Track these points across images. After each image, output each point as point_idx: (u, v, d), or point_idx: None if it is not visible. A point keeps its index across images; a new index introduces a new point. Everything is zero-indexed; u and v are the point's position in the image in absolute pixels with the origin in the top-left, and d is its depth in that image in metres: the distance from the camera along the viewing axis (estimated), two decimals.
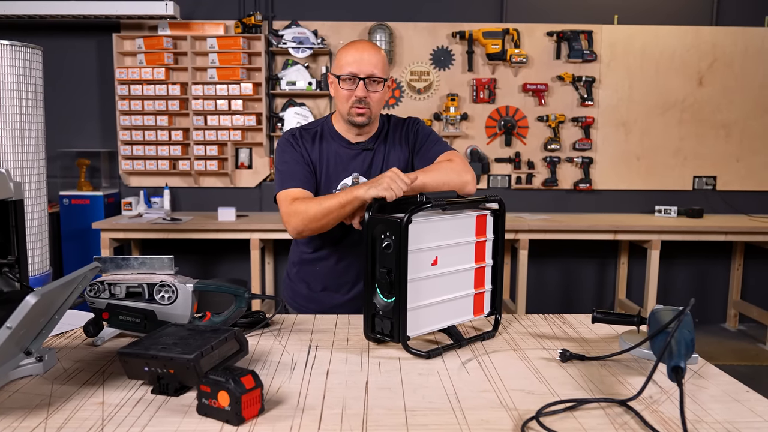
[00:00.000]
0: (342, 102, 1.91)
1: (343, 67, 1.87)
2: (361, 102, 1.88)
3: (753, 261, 5.19)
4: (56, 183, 4.92)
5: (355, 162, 1.98)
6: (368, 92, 1.88)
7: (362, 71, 1.85)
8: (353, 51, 1.88)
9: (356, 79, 1.86)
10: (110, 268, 1.59)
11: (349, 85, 1.87)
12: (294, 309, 2.17)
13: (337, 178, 1.97)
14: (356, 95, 1.87)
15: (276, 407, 1.18)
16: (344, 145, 1.99)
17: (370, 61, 1.86)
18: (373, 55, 1.87)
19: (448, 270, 1.54)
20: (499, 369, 1.40)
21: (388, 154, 2.00)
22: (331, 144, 1.99)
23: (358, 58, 1.86)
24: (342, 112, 1.94)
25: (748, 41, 5.00)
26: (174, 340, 1.29)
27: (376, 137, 2.01)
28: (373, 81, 1.87)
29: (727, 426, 1.12)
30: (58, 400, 1.21)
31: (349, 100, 1.89)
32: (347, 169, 1.97)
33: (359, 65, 1.85)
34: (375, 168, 1.98)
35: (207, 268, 5.16)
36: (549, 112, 5.02)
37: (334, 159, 1.97)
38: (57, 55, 4.90)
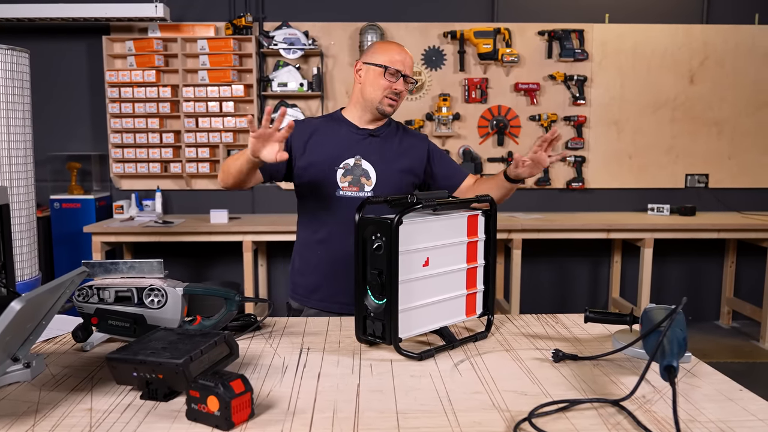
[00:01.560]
0: (377, 90, 2.06)
1: (390, 61, 2.05)
2: (397, 95, 2.07)
3: (746, 258, 5.21)
4: (47, 187, 4.90)
5: (359, 145, 2.10)
6: (404, 87, 2.07)
7: (405, 69, 2.06)
8: (399, 50, 2.08)
9: (399, 74, 2.04)
10: (99, 272, 1.57)
11: (393, 78, 2.04)
12: (297, 301, 2.18)
13: (341, 158, 2.07)
14: (396, 88, 2.05)
15: (266, 411, 1.17)
16: (352, 129, 2.13)
17: (409, 62, 2.09)
18: (410, 58, 2.10)
19: (439, 271, 1.53)
20: (491, 370, 1.39)
21: (391, 145, 2.14)
22: (339, 127, 2.13)
23: (404, 57, 2.06)
24: (372, 98, 2.08)
25: (738, 39, 5.01)
26: (163, 345, 1.27)
27: (385, 128, 2.16)
28: (407, 81, 2.07)
29: (720, 425, 1.12)
30: (46, 407, 1.20)
31: (386, 90, 2.05)
32: (351, 151, 2.08)
33: (403, 64, 2.06)
34: (377, 153, 2.10)
35: (200, 271, 5.14)
36: (541, 111, 5.02)
37: (339, 140, 2.10)
38: (47, 59, 4.87)
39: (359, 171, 2.06)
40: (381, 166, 2.08)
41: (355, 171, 2.06)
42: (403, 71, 2.04)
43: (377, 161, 2.08)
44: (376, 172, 2.07)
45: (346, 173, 2.06)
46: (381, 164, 2.08)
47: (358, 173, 2.06)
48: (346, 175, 2.05)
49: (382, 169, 2.08)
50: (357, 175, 2.06)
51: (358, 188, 2.05)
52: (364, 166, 2.07)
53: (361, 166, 2.06)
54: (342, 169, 2.05)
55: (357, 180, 2.05)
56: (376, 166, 2.07)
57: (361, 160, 2.06)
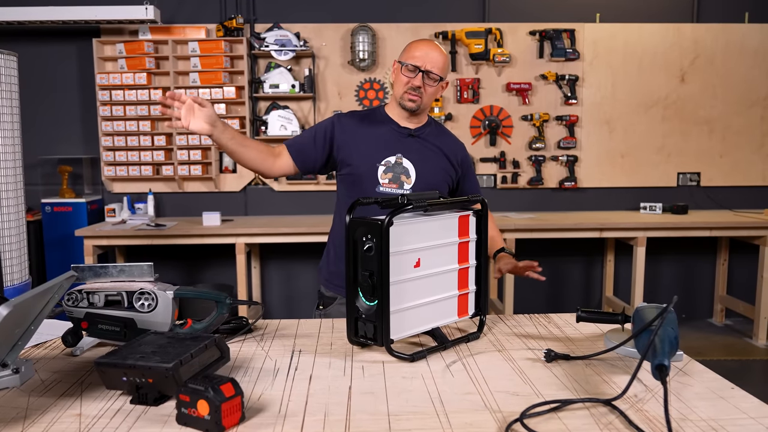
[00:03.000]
0: (399, 86, 2.10)
1: (409, 57, 2.07)
2: (416, 90, 2.06)
3: (738, 256, 5.23)
4: (38, 190, 4.87)
5: (401, 144, 2.13)
6: (424, 84, 2.06)
7: (425, 65, 2.04)
8: (423, 46, 2.08)
9: (417, 70, 2.04)
10: (88, 276, 1.56)
11: (409, 74, 2.06)
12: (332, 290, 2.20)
13: (382, 154, 2.11)
14: (413, 83, 2.06)
15: (257, 415, 1.16)
16: (393, 127, 2.16)
17: (433, 59, 2.05)
18: (438, 54, 2.07)
19: (431, 272, 1.53)
20: (483, 371, 1.39)
21: (431, 146, 2.16)
22: (380, 125, 2.17)
23: (425, 53, 2.05)
24: (396, 95, 2.12)
25: (729, 37, 5.03)
26: (153, 349, 1.26)
27: (424, 129, 2.18)
28: (430, 77, 2.05)
29: (712, 423, 1.12)
30: (35, 413, 1.19)
31: (406, 85, 2.07)
32: (392, 149, 2.12)
33: (423, 59, 2.05)
34: (417, 152, 2.13)
35: (192, 274, 5.12)
36: (533, 111, 5.02)
37: (380, 137, 2.14)
38: (37, 62, 4.85)
39: (400, 169, 2.10)
40: (420, 166, 2.12)
41: (396, 169, 2.10)
42: (422, 66, 2.04)
43: (417, 161, 2.12)
44: (416, 172, 2.10)
45: (387, 170, 2.10)
46: (421, 164, 2.12)
47: (399, 171, 2.10)
48: (387, 172, 2.10)
49: (422, 169, 2.12)
50: (398, 173, 2.10)
51: (397, 185, 2.09)
52: (405, 164, 2.10)
53: (401, 165, 2.10)
54: (383, 166, 2.09)
55: (398, 177, 2.09)
56: (417, 166, 2.11)
57: (402, 159, 2.11)
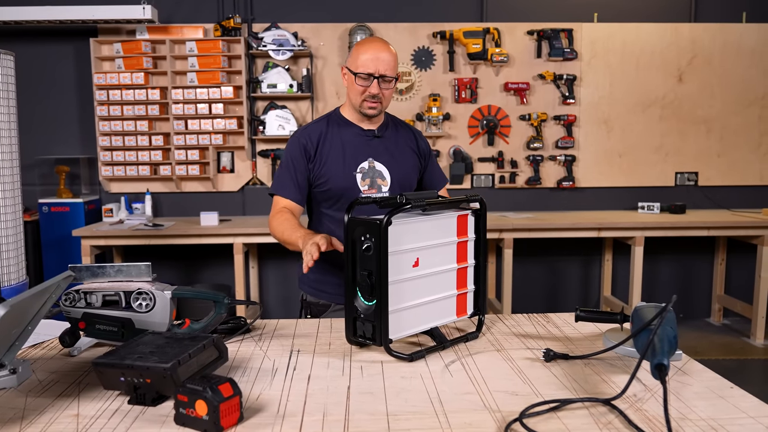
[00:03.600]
0: (355, 95, 2.05)
1: (359, 65, 2.00)
2: (374, 98, 2.03)
3: (736, 255, 5.23)
4: (35, 191, 4.86)
5: (370, 147, 2.11)
6: (381, 89, 2.02)
7: (377, 70, 1.99)
8: (370, 50, 2.00)
9: (371, 77, 1.99)
10: (86, 276, 1.56)
11: (364, 83, 2.01)
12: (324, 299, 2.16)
13: (356, 162, 2.08)
14: (370, 92, 2.01)
15: (255, 415, 1.16)
16: (358, 132, 2.12)
17: (384, 60, 1.99)
18: (387, 55, 2.00)
19: (429, 271, 1.53)
20: (482, 370, 1.39)
21: (396, 144, 2.15)
22: (345, 130, 2.12)
23: (374, 57, 1.99)
24: (354, 103, 2.08)
25: (726, 37, 5.03)
26: (151, 349, 1.26)
27: (384, 127, 2.16)
28: (385, 80, 2.01)
29: (711, 423, 1.12)
30: (32, 413, 1.18)
31: (363, 94, 2.03)
32: (363, 153, 2.09)
33: (375, 64, 1.98)
34: (386, 153, 2.11)
35: (190, 274, 5.11)
36: (531, 110, 5.02)
37: (349, 144, 2.10)
38: (34, 62, 4.83)
39: (374, 173, 2.08)
40: (393, 166, 2.11)
41: (371, 173, 2.08)
42: (375, 73, 1.98)
43: (388, 161, 2.11)
44: (389, 172, 2.09)
45: (364, 176, 2.07)
46: (392, 164, 2.11)
47: (374, 175, 2.08)
48: (365, 178, 2.07)
49: (394, 168, 2.11)
50: (374, 177, 2.08)
51: (376, 190, 2.08)
52: (378, 167, 2.09)
53: (375, 168, 2.08)
54: (360, 173, 2.07)
55: (374, 182, 2.08)
56: (389, 166, 2.10)
57: (373, 162, 2.09)
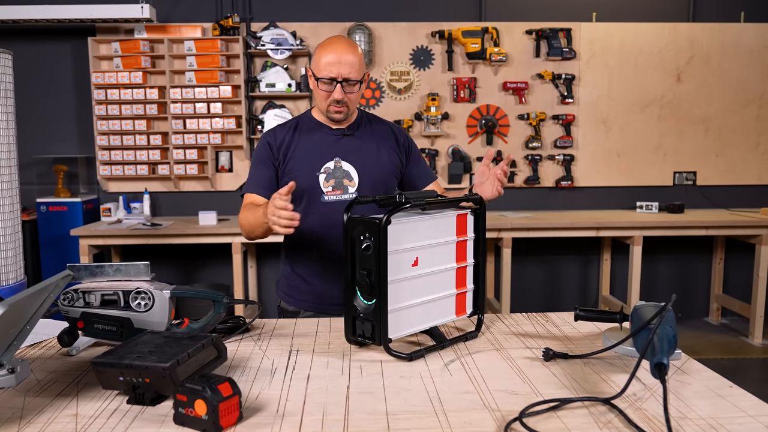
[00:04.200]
0: (320, 100, 2.00)
1: (321, 69, 1.93)
2: (339, 103, 1.97)
3: (734, 255, 5.23)
4: (33, 190, 4.85)
5: (337, 146, 2.05)
6: (345, 94, 1.95)
7: (340, 74, 1.92)
8: (331, 53, 1.92)
9: (334, 82, 1.93)
10: (84, 275, 1.55)
11: (327, 87, 1.95)
12: (293, 305, 2.13)
13: (320, 162, 2.03)
14: (334, 97, 1.95)
15: (255, 415, 1.16)
16: (325, 131, 2.07)
17: (346, 62, 1.91)
18: (350, 56, 1.92)
19: (429, 270, 1.53)
20: (482, 369, 1.39)
21: (368, 141, 2.09)
22: (312, 132, 2.08)
23: (335, 60, 1.91)
24: (321, 108, 2.03)
25: (725, 37, 5.04)
26: (150, 349, 1.26)
27: (356, 125, 2.10)
28: (349, 83, 1.94)
29: (710, 422, 1.12)
30: (31, 413, 1.18)
31: (327, 99, 1.97)
32: (329, 154, 2.04)
33: (338, 68, 1.91)
34: (356, 152, 2.05)
35: (189, 273, 5.11)
36: (530, 110, 5.02)
37: (315, 145, 2.05)
38: (32, 61, 4.83)
39: (340, 173, 2.02)
40: (361, 166, 2.04)
41: (336, 173, 2.02)
42: (338, 77, 1.91)
43: (357, 160, 2.04)
44: (357, 172, 2.03)
45: (328, 177, 2.01)
46: (361, 163, 2.04)
47: (340, 175, 2.02)
48: (329, 179, 2.01)
49: (363, 168, 2.04)
50: (339, 178, 2.01)
51: (341, 191, 2.01)
52: (345, 167, 2.02)
53: (341, 168, 2.02)
54: (324, 174, 2.01)
55: (340, 183, 2.01)
56: (357, 166, 2.03)
57: (341, 162, 2.02)
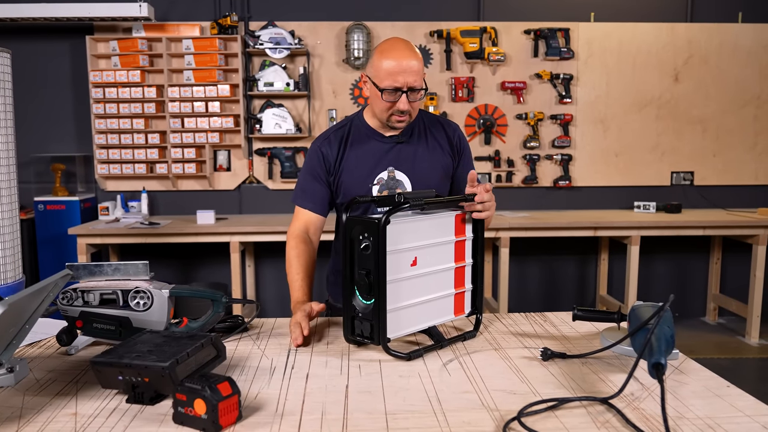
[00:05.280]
0: (381, 110, 1.88)
1: (383, 78, 1.81)
2: (403, 113, 1.85)
3: (731, 255, 5.25)
4: (31, 189, 4.84)
5: (390, 155, 1.96)
6: (410, 103, 1.83)
7: (405, 84, 1.80)
8: (392, 59, 1.80)
9: (398, 91, 1.81)
10: (83, 274, 1.55)
11: (391, 98, 1.82)
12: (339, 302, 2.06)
13: (373, 173, 1.95)
14: (398, 108, 1.83)
15: (254, 414, 1.16)
16: (378, 139, 1.97)
17: (411, 70, 1.79)
18: (415, 62, 1.80)
19: (427, 270, 1.53)
20: (480, 369, 1.39)
21: (422, 147, 1.98)
22: (365, 141, 1.98)
23: (402, 66, 1.78)
24: (380, 117, 1.91)
25: (722, 37, 5.05)
26: (149, 348, 1.26)
27: (410, 130, 1.98)
28: (413, 91, 1.82)
29: (708, 422, 1.12)
30: (30, 412, 1.18)
31: (390, 110, 1.85)
32: (382, 164, 1.95)
33: (403, 77, 1.79)
34: (408, 160, 1.96)
35: (187, 272, 5.11)
36: (528, 110, 5.03)
37: (368, 154, 1.96)
38: (30, 59, 4.82)
39: (394, 183, 1.95)
40: (414, 174, 1.96)
41: (390, 184, 1.94)
42: (403, 87, 1.79)
43: (410, 169, 1.95)
44: (410, 181, 1.95)
45: (381, 188, 1.95)
46: (414, 172, 1.96)
47: (393, 185, 1.94)
48: (382, 190, 1.94)
49: (416, 176, 1.96)
50: (392, 188, 1.94)
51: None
52: (398, 176, 1.95)
53: (395, 178, 1.95)
54: (377, 185, 1.94)
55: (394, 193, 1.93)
56: (410, 174, 1.95)
57: (394, 172, 1.94)
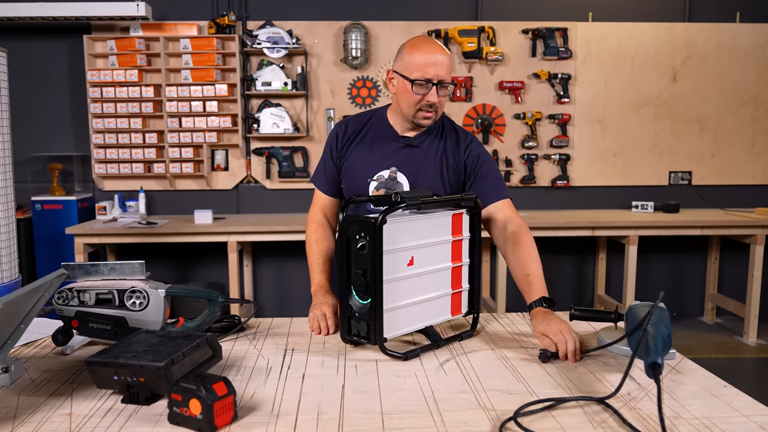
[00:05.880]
0: (409, 105, 1.84)
1: (414, 70, 1.79)
2: (431, 107, 1.83)
3: (729, 254, 5.25)
4: (28, 188, 4.83)
5: (397, 156, 1.91)
6: (439, 97, 1.82)
7: (436, 76, 1.78)
8: (427, 53, 1.79)
9: (429, 83, 1.79)
10: (79, 274, 1.55)
11: (421, 90, 1.80)
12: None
13: (375, 169, 1.91)
14: (428, 100, 1.80)
15: (250, 414, 1.16)
16: (390, 137, 1.93)
17: (442, 63, 1.79)
18: (445, 57, 1.80)
19: (424, 270, 1.53)
20: (477, 369, 1.39)
21: (431, 155, 1.93)
22: (378, 135, 1.95)
23: (432, 61, 1.78)
24: (407, 113, 1.87)
25: (720, 37, 5.05)
26: (144, 348, 1.26)
27: (426, 134, 1.94)
28: (443, 86, 1.81)
29: (704, 421, 1.12)
30: (25, 412, 1.18)
31: (419, 104, 1.82)
32: (387, 161, 1.91)
33: (435, 69, 1.78)
34: (414, 164, 1.91)
35: (184, 272, 5.10)
36: (526, 109, 5.02)
37: (377, 149, 1.93)
38: (27, 58, 4.81)
39: (392, 184, 1.89)
40: (414, 179, 1.90)
41: (388, 184, 1.89)
42: (434, 79, 1.78)
43: (412, 174, 1.89)
44: (410, 186, 1.89)
45: (379, 186, 1.90)
46: (415, 177, 1.90)
47: (391, 186, 1.89)
48: (379, 188, 1.90)
49: (416, 182, 1.90)
50: (390, 188, 1.89)
51: None
52: (399, 178, 1.90)
53: (396, 179, 1.90)
54: (375, 182, 1.90)
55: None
56: (411, 179, 1.89)
57: (396, 173, 1.89)
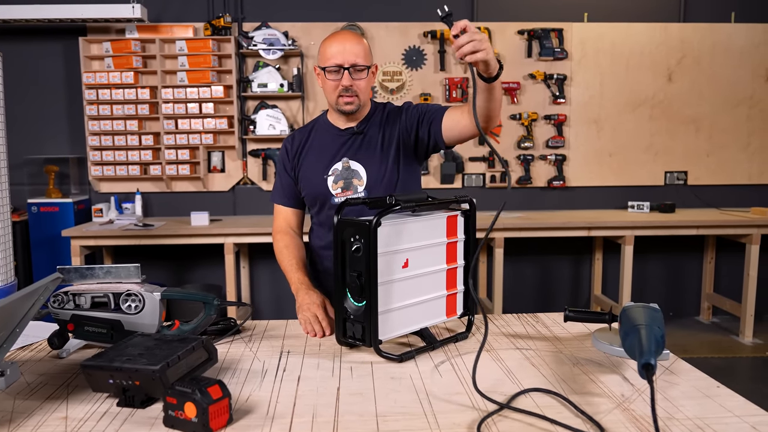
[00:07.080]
0: (329, 93, 1.96)
1: (327, 59, 1.92)
2: (348, 91, 1.93)
3: (725, 254, 5.26)
4: (24, 190, 4.83)
5: (345, 147, 2.02)
6: (353, 81, 1.92)
7: (346, 61, 1.90)
8: (335, 43, 1.92)
9: (341, 69, 1.90)
10: (74, 277, 1.55)
11: (334, 76, 1.92)
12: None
13: (329, 164, 2.01)
14: (342, 84, 1.92)
15: (245, 417, 1.16)
16: (335, 133, 2.04)
17: (352, 50, 1.90)
18: (355, 44, 1.92)
19: (419, 272, 1.53)
20: (472, 371, 1.39)
21: (377, 137, 2.02)
22: (323, 136, 2.06)
23: (341, 49, 1.90)
24: (330, 102, 2.00)
25: (715, 37, 5.06)
26: (140, 351, 1.26)
27: (367, 121, 2.04)
28: (357, 69, 1.92)
29: (698, 422, 1.13)
30: (20, 416, 1.18)
31: (336, 90, 1.93)
32: (338, 155, 2.01)
33: (343, 56, 1.90)
34: (364, 149, 2.01)
35: (181, 274, 5.10)
36: (521, 110, 5.03)
37: (324, 148, 2.03)
38: (23, 61, 4.80)
39: (349, 173, 1.98)
40: (369, 163, 1.99)
41: (344, 174, 1.98)
42: (344, 63, 1.89)
43: (364, 158, 1.99)
44: (365, 170, 1.98)
45: (336, 179, 1.98)
46: (368, 160, 1.99)
47: (348, 176, 1.98)
48: (337, 180, 1.98)
49: (371, 165, 1.99)
50: (348, 178, 1.98)
51: (351, 191, 1.98)
52: (353, 167, 1.99)
53: (350, 168, 1.99)
54: (331, 176, 1.98)
55: (349, 183, 1.98)
56: (365, 164, 1.99)
57: (348, 162, 1.99)
